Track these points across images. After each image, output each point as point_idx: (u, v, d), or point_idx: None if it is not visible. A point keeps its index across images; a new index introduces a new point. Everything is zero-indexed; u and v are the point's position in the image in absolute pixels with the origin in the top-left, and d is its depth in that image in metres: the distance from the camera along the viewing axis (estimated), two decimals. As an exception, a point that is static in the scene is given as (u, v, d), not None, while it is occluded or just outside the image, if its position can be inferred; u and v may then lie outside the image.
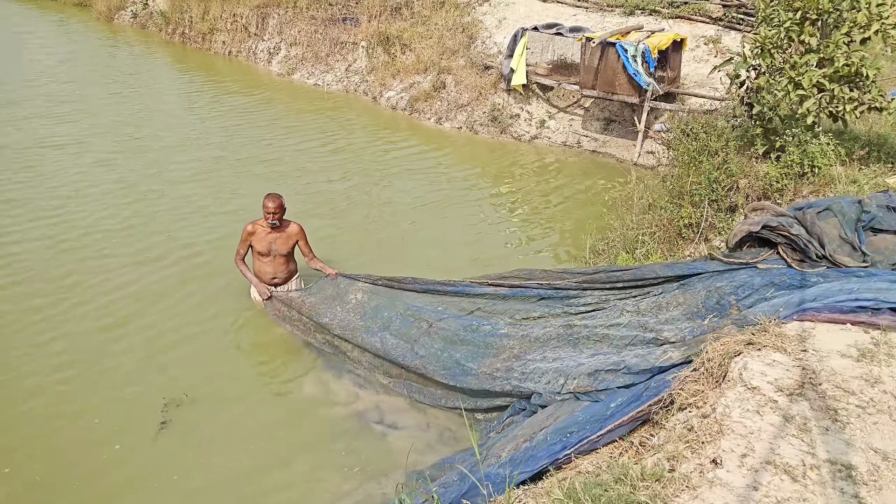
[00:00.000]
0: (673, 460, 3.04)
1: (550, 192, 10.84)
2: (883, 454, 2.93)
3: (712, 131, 8.04)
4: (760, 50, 7.55)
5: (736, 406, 3.26)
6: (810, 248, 4.95)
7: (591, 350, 4.97)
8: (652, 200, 8.42)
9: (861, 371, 3.58)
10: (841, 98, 7.07)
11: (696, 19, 13.60)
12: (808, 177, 6.87)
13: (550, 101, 13.56)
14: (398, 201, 9.96)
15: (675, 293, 5.14)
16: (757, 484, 2.74)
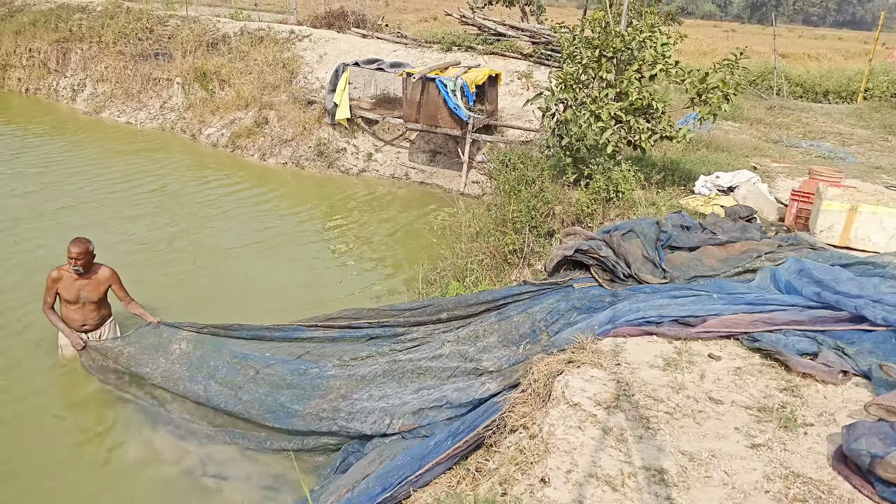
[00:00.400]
0: (505, 483, 3.14)
1: (382, 224, 10.94)
2: (689, 455, 3.20)
3: (528, 161, 8.52)
4: (564, 85, 8.12)
5: (560, 424, 3.43)
6: (618, 269, 5.36)
7: (416, 384, 5.02)
8: (479, 229, 8.75)
9: (667, 379, 3.90)
10: (637, 128, 7.76)
11: (509, 55, 14.41)
12: (614, 201, 7.43)
13: (376, 135, 13.74)
14: (225, 243, 9.60)
15: (492, 321, 5.34)
16: (581, 498, 2.89)
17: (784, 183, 8.53)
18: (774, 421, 3.48)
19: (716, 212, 6.81)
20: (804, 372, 3.92)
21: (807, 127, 13.67)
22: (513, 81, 13.83)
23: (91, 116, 16.06)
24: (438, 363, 5.09)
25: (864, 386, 3.85)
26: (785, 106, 16.42)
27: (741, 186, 7.43)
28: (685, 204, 7.20)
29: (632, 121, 7.66)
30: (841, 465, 3.08)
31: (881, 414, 3.30)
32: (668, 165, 8.65)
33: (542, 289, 5.49)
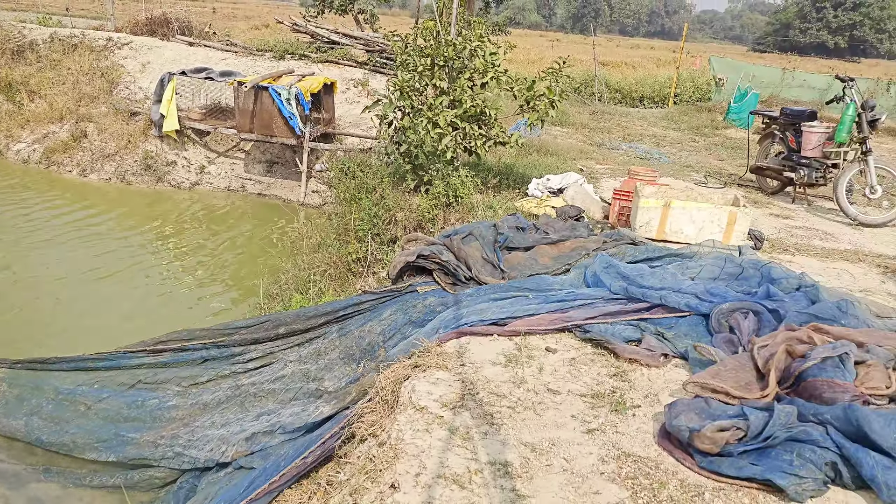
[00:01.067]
0: (356, 494, 3.13)
1: (218, 239, 10.53)
2: (531, 446, 3.35)
3: (368, 169, 8.54)
4: (401, 92, 8.22)
5: (408, 428, 3.46)
6: (459, 272, 5.50)
7: (258, 409, 4.88)
8: (320, 239, 8.65)
9: (509, 375, 4.05)
10: (472, 135, 8.00)
11: (344, 63, 14.37)
12: (453, 206, 7.61)
13: (209, 146, 13.22)
14: (43, 270, 8.83)
15: (334, 336, 5.29)
16: (431, 499, 2.93)
17: (608, 183, 9.12)
18: (606, 406, 3.71)
19: (548, 212, 7.16)
20: (630, 357, 4.21)
21: (626, 130, 14.72)
22: (349, 89, 13.81)
23: None
24: (281, 385, 4.97)
25: (682, 366, 4.20)
26: (606, 111, 17.60)
27: (570, 188, 7.86)
28: (520, 206, 7.51)
29: (467, 127, 7.90)
30: (665, 442, 3.34)
31: (697, 391, 3.61)
32: (503, 170, 8.99)
33: (383, 296, 5.52)
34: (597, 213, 7.51)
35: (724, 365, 3.80)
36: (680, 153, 12.49)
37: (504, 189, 8.31)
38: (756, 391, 3.55)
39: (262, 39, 16.86)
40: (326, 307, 5.65)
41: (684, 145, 13.55)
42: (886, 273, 6.27)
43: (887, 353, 3.82)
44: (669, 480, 3.08)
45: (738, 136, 14.68)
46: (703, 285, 4.90)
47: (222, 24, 21.87)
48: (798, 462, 2.99)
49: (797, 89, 18.59)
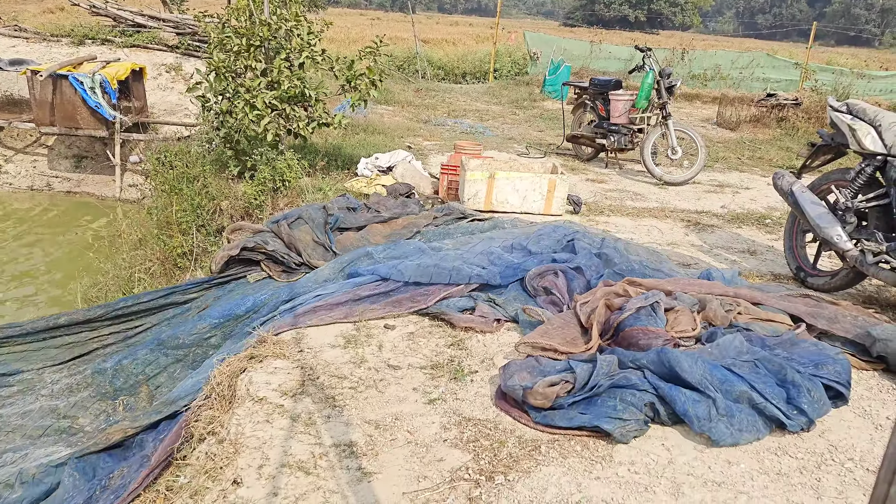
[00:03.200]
0: (197, 496, 3.00)
1: (23, 244, 9.61)
2: (375, 423, 3.37)
3: (188, 158, 8.11)
4: (216, 74, 7.86)
5: (247, 421, 3.36)
6: (288, 259, 5.40)
7: (1, 447, 4.40)
8: (141, 235, 8.14)
9: (349, 356, 4.04)
10: (294, 117, 7.82)
11: (153, 48, 13.51)
12: (281, 191, 7.43)
13: (4, 143, 11.99)
14: None
15: (86, 374, 4.92)
16: (276, 489, 2.88)
17: (436, 159, 9.28)
18: (446, 375, 3.81)
19: (378, 191, 7.18)
20: (466, 326, 4.34)
21: (450, 106, 15.03)
22: (161, 75, 13.02)
23: None
24: (30, 420, 4.55)
25: (514, 329, 4.39)
26: (430, 88, 17.85)
27: (398, 165, 7.92)
28: (349, 187, 7.47)
29: (287, 109, 7.70)
30: (502, 402, 3.48)
31: (528, 351, 3.79)
32: (330, 151, 8.89)
33: (207, 284, 5.31)
34: (427, 188, 7.63)
35: (551, 324, 4.01)
36: (502, 126, 12.95)
37: (333, 170, 8.22)
38: (581, 345, 3.78)
39: (56, 24, 15.42)
40: (97, 310, 5.33)
41: (506, 118, 14.06)
42: (689, 226, 6.89)
43: (692, 299, 4.21)
44: (508, 439, 3.22)
45: (554, 107, 15.44)
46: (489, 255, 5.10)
47: (8, 8, 19.78)
48: (621, 406, 3.23)
49: (604, 61, 19.84)
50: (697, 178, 8.73)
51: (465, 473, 2.97)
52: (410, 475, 2.98)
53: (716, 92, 17.12)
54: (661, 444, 3.19)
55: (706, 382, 3.24)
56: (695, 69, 19.38)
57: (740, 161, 10.55)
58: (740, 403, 3.24)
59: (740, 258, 6.00)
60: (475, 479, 2.93)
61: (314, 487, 2.89)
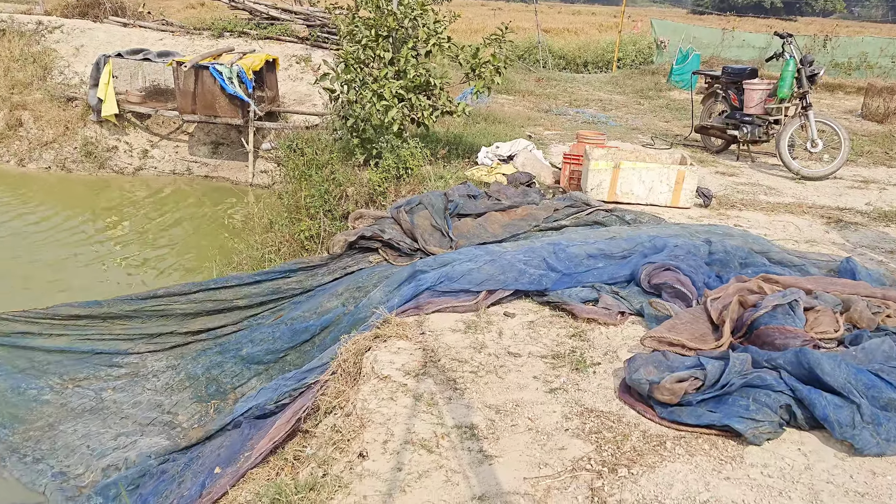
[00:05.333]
0: (325, 465, 3.12)
1: (167, 224, 10.30)
2: (496, 408, 3.38)
3: (317, 145, 8.42)
4: (346, 65, 8.10)
5: (372, 398, 3.47)
6: (402, 245, 5.52)
7: (117, 429, 4.92)
8: (272, 218, 8.52)
9: (469, 341, 4.08)
10: (419, 106, 7.94)
11: (285, 39, 14.08)
12: (404, 178, 7.58)
13: (151, 130, 12.86)
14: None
15: (181, 377, 5.34)
16: (400, 465, 2.95)
17: (557, 148, 9.18)
18: (567, 365, 3.77)
19: (499, 180, 7.17)
20: (588, 317, 4.28)
21: (572, 96, 14.80)
22: (291, 66, 13.55)
23: None
24: (139, 411, 5.03)
25: (639, 323, 4.28)
26: (551, 77, 17.66)
27: (519, 154, 7.88)
28: (470, 175, 7.51)
29: (413, 98, 7.83)
30: (626, 396, 3.41)
31: (654, 345, 3.69)
32: (451, 140, 8.97)
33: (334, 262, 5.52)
34: (547, 178, 7.55)
35: (679, 318, 3.88)
36: (626, 116, 12.63)
37: (454, 159, 8.30)
38: (711, 342, 3.64)
39: (198, 18, 16.39)
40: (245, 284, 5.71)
41: (630, 108, 13.70)
42: (829, 224, 6.47)
43: (834, 299, 3.96)
44: (632, 432, 3.15)
45: (681, 97, 14.90)
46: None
47: (157, 4, 21.14)
48: (754, 406, 3.09)
49: (737, 49, 18.92)
50: (839, 173, 8.17)
51: (588, 464, 2.93)
52: (531, 461, 2.97)
53: (861, 82, 15.95)
54: (798, 449, 3.03)
55: (850, 387, 3.04)
56: (838, 57, 18.13)
57: (888, 156, 9.80)
58: (889, 412, 3.02)
59: (888, 258, 5.57)
60: (597, 469, 2.89)
61: (437, 466, 2.94)
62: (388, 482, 2.84)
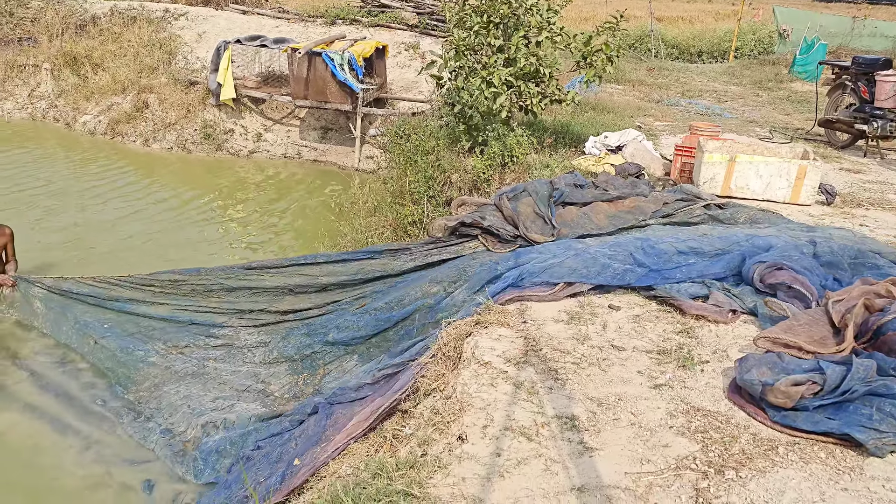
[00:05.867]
0: (424, 445, 3.16)
1: (277, 205, 10.68)
2: (597, 401, 3.32)
3: (423, 131, 8.50)
4: (455, 52, 8.12)
5: (472, 382, 3.48)
6: (502, 232, 5.50)
7: (215, 393, 5.32)
8: (376, 203, 8.68)
9: (572, 332, 4.02)
10: (527, 93, 7.87)
11: (395, 27, 14.26)
12: (509, 166, 7.54)
13: (265, 114, 13.35)
14: (104, 230, 9.09)
15: (275, 354, 5.66)
16: (499, 450, 2.95)
17: (667, 140, 8.89)
18: (673, 362, 3.65)
19: (606, 170, 7.03)
20: (697, 314, 4.13)
21: (685, 86, 14.29)
22: (400, 53, 13.72)
23: (-53, 109, 14.81)
24: (237, 379, 5.45)
25: (751, 322, 4.10)
26: (663, 67, 17.10)
27: (628, 145, 7.69)
28: (577, 164, 7.39)
29: (522, 86, 7.76)
30: (736, 396, 3.27)
31: (768, 346, 3.52)
32: (559, 128, 8.85)
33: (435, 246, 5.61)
34: (657, 169, 7.34)
35: (796, 320, 3.69)
36: (742, 108, 12.08)
37: (560, 148, 8.18)
38: (831, 346, 3.44)
39: (312, 6, 16.82)
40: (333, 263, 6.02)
41: (747, 100, 13.10)
42: (968, 226, 5.98)
43: (972, 307, 3.66)
44: (741, 434, 3.02)
45: (804, 89, 14.10)
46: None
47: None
48: (878, 416, 2.90)
49: (868, 38, 17.71)
50: (982, 174, 7.54)
51: (693, 463, 2.84)
52: (633, 456, 2.90)
53: None
54: (927, 465, 2.82)
55: None
56: None
57: None
58: None
59: None
60: (703, 470, 2.79)
61: (535, 454, 2.92)
62: (486, 466, 2.85)
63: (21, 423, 5.25)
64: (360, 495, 2.76)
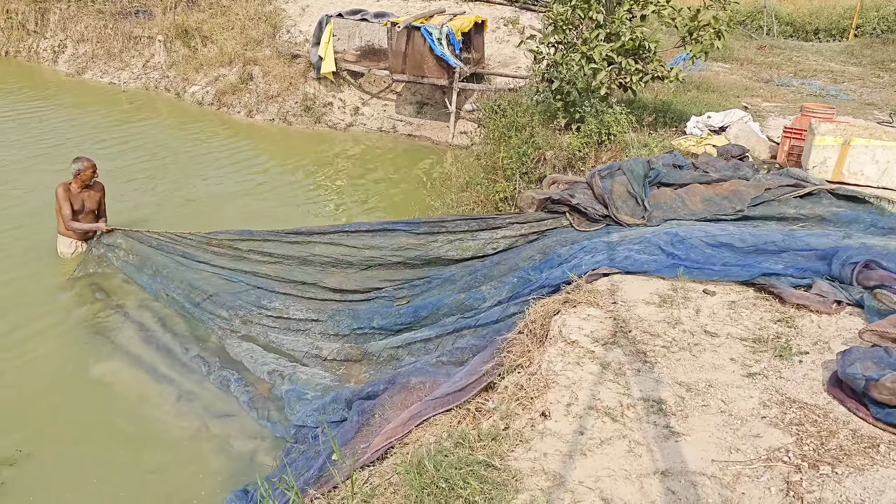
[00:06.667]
0: (507, 419, 3.18)
1: (371, 178, 10.87)
2: (686, 386, 3.24)
3: (518, 107, 8.42)
4: (555, 26, 7.98)
5: (558, 360, 3.46)
6: (591, 211, 5.40)
7: (275, 353, 5.68)
8: (468, 178, 8.69)
9: (664, 315, 3.93)
10: (628, 70, 7.66)
11: (494, 2, 14.12)
12: (605, 144, 7.38)
13: (362, 88, 13.55)
14: (205, 191, 9.50)
15: (325, 325, 5.84)
16: (582, 429, 2.93)
17: (775, 121, 8.48)
18: (769, 351, 3.52)
19: (708, 151, 6.78)
20: (798, 303, 3.95)
21: (797, 66, 13.55)
22: (499, 28, 13.60)
23: (74, 78, 15.75)
24: (291, 338, 5.94)
25: (857, 315, 3.89)
26: (775, 45, 16.27)
27: (733, 126, 7.39)
28: (677, 144, 7.16)
29: (623, 62, 7.56)
30: (836, 390, 3.12)
31: (875, 340, 3.34)
32: (659, 107, 8.59)
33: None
34: (763, 152, 7.02)
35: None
36: (861, 90, 11.36)
37: (660, 127, 7.94)
38: (946, 343, 3.22)
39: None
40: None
41: (866, 81, 12.30)
42: None
43: None
44: (840, 430, 2.89)
45: (932, 70, 13.13)
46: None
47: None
48: None
49: None
50: None
51: (785, 455, 2.74)
52: (721, 444, 2.83)
53: None
54: None
55: None
56: None
57: None
58: None
59: None
60: (796, 463, 2.69)
61: (619, 435, 2.89)
62: (569, 444, 2.84)
63: (126, 373, 5.60)
64: (441, 462, 2.81)
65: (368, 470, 3.64)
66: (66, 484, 4.54)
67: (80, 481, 4.56)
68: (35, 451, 4.75)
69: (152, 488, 4.56)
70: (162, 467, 4.74)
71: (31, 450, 4.75)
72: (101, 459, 4.77)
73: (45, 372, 5.64)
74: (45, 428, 5.03)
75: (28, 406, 5.26)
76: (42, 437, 4.90)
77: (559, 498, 2.55)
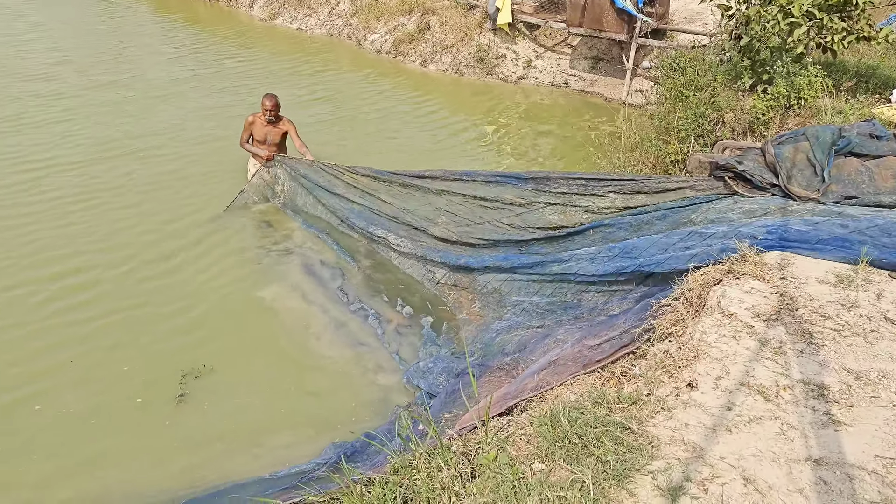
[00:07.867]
0: (651, 385, 3.08)
1: (538, 133, 10.76)
2: (856, 374, 2.98)
3: (700, 66, 7.94)
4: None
5: (713, 332, 3.29)
6: (758, 179, 4.97)
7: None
8: (639, 138, 8.37)
9: (838, 296, 3.61)
10: (830, 28, 6.96)
11: (685, -48, 13.29)
12: (794, 109, 6.81)
13: (537, 41, 13.34)
14: (385, 149, 9.84)
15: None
16: (730, 404, 2.78)
17: None
18: (962, 347, 3.14)
19: (915, 122, 6.06)
20: None
21: None
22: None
23: (266, 23, 16.77)
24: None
25: None
26: None
27: (949, 95, 6.54)
28: (879, 113, 6.45)
29: (825, 19, 6.87)
30: None
31: None
32: (861, 71, 7.75)
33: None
34: (984, 127, 6.16)
35: None
36: None
37: (861, 93, 7.18)
38: None
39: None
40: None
41: None
42: None
43: None
44: None
45: None
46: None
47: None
48: None
49: None
50: None
51: (965, 463, 2.45)
52: (888, 440, 2.59)
53: None
54: None
55: None
56: None
57: None
58: None
59: None
60: (977, 473, 2.40)
61: (771, 416, 2.72)
62: (713, 417, 2.71)
63: (292, 302, 6.03)
64: (576, 419, 2.79)
65: (508, 418, 3.69)
66: (238, 397, 5.00)
67: (250, 396, 5.02)
68: (217, 366, 5.25)
69: (310, 409, 4.92)
70: (320, 391, 5.09)
71: (213, 365, 5.26)
72: (268, 378, 5.21)
73: (224, 293, 6.22)
74: (224, 346, 5.55)
75: (212, 325, 5.83)
76: (222, 354, 5.41)
77: (697, 470, 2.45)
